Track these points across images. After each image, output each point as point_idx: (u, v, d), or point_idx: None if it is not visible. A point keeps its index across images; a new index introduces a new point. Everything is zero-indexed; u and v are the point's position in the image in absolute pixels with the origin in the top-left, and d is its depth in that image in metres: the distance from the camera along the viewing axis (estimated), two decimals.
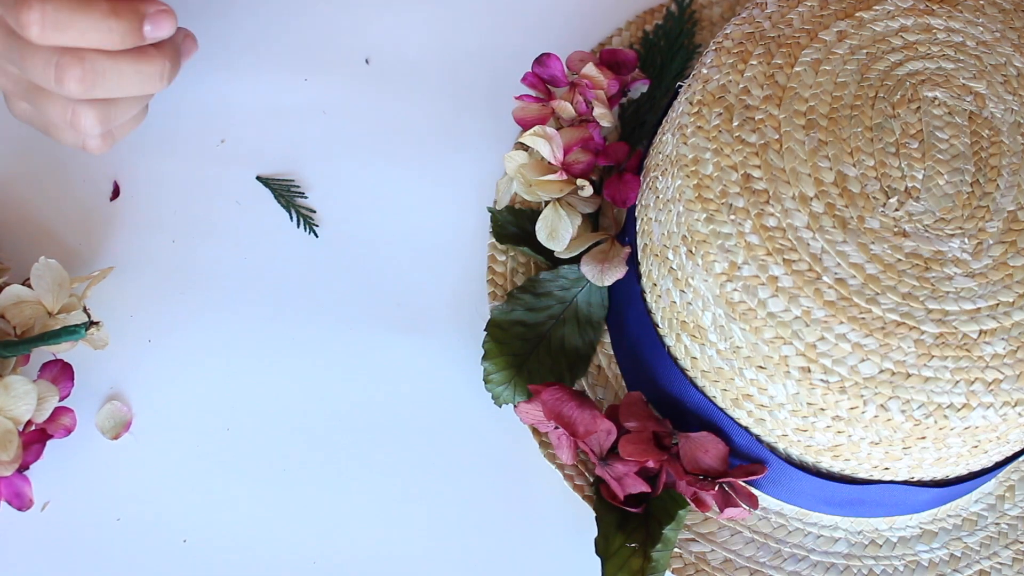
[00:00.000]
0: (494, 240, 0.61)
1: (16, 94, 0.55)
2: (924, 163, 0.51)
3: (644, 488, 0.54)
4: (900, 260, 0.49)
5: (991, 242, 0.50)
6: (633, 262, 0.57)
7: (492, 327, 0.58)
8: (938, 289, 0.49)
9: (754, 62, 0.53)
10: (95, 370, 0.59)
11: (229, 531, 0.57)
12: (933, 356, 0.49)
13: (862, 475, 0.53)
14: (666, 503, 0.54)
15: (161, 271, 0.61)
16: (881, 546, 0.56)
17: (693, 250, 0.51)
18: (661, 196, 0.54)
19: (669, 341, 0.55)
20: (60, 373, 0.57)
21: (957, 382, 0.48)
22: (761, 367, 0.51)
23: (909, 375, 0.49)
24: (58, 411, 0.56)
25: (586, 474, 0.57)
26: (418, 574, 0.57)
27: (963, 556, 0.56)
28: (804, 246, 0.50)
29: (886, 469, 0.52)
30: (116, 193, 0.62)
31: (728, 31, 0.54)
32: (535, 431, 0.58)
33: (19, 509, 0.55)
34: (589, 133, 0.59)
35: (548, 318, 0.59)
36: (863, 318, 0.49)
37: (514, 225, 0.61)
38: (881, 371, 0.49)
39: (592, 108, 0.59)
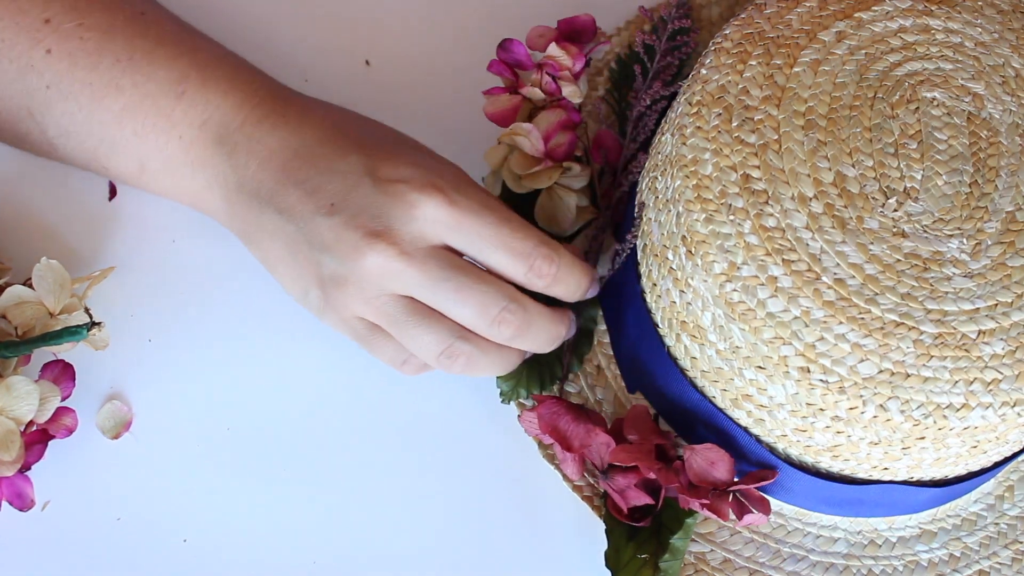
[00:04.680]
0: None
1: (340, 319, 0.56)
2: (923, 164, 0.51)
3: (647, 500, 0.54)
4: (899, 260, 0.50)
5: (989, 243, 0.50)
6: (633, 262, 0.57)
7: None
8: (937, 289, 0.49)
9: (753, 62, 0.53)
10: (95, 370, 0.59)
11: (229, 531, 0.57)
12: (932, 356, 0.49)
13: (861, 475, 0.53)
14: (677, 512, 0.54)
15: (161, 271, 0.61)
16: (880, 546, 0.56)
17: (693, 250, 0.52)
18: (660, 196, 0.54)
19: (669, 341, 0.55)
20: (61, 373, 0.57)
21: (956, 382, 0.49)
22: (760, 367, 0.51)
23: (908, 375, 0.49)
24: (59, 411, 0.56)
25: (596, 486, 0.57)
26: (419, 574, 0.57)
27: (962, 556, 0.56)
28: (803, 246, 0.50)
29: (885, 469, 0.53)
30: (113, 193, 0.62)
31: (727, 32, 0.54)
32: (540, 444, 0.58)
33: (20, 509, 0.56)
34: (565, 113, 0.58)
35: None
36: (862, 318, 0.49)
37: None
38: (880, 371, 0.49)
39: (560, 86, 0.58)
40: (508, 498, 0.58)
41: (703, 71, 0.54)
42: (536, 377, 0.58)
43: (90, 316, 0.56)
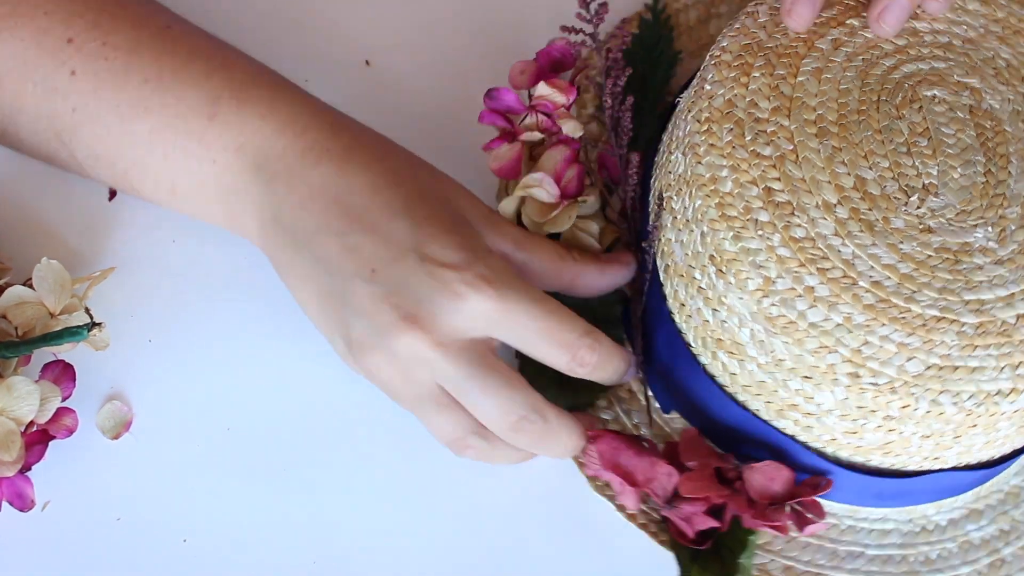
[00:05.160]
0: None
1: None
2: (936, 159, 0.52)
3: (713, 524, 0.54)
4: (930, 256, 0.50)
5: (1013, 228, 0.51)
6: (657, 283, 0.57)
7: (523, 359, 0.57)
8: (971, 280, 0.50)
9: (756, 74, 0.53)
10: (95, 370, 0.58)
11: (229, 531, 0.57)
12: (976, 346, 0.50)
13: (912, 467, 0.54)
14: (735, 531, 0.54)
15: (161, 271, 0.61)
16: (932, 531, 0.57)
17: (724, 269, 0.52)
18: (679, 217, 0.54)
19: (704, 359, 0.55)
20: (62, 374, 0.57)
21: (1002, 368, 0.50)
22: (807, 377, 0.51)
23: (956, 368, 0.50)
24: (60, 412, 0.56)
25: (651, 512, 0.57)
26: (418, 574, 0.57)
27: (1012, 529, 0.58)
28: (835, 253, 0.50)
29: (936, 459, 0.53)
30: (113, 193, 0.61)
31: (724, 44, 0.55)
32: (592, 479, 0.57)
33: (20, 509, 0.55)
34: (568, 149, 0.58)
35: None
36: (904, 317, 0.50)
37: None
38: (928, 367, 0.49)
39: (559, 124, 0.58)
40: (509, 498, 0.58)
41: (707, 87, 0.54)
42: (572, 400, 0.58)
43: (90, 316, 0.55)
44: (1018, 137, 0.53)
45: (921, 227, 0.51)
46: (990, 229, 0.51)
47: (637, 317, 0.58)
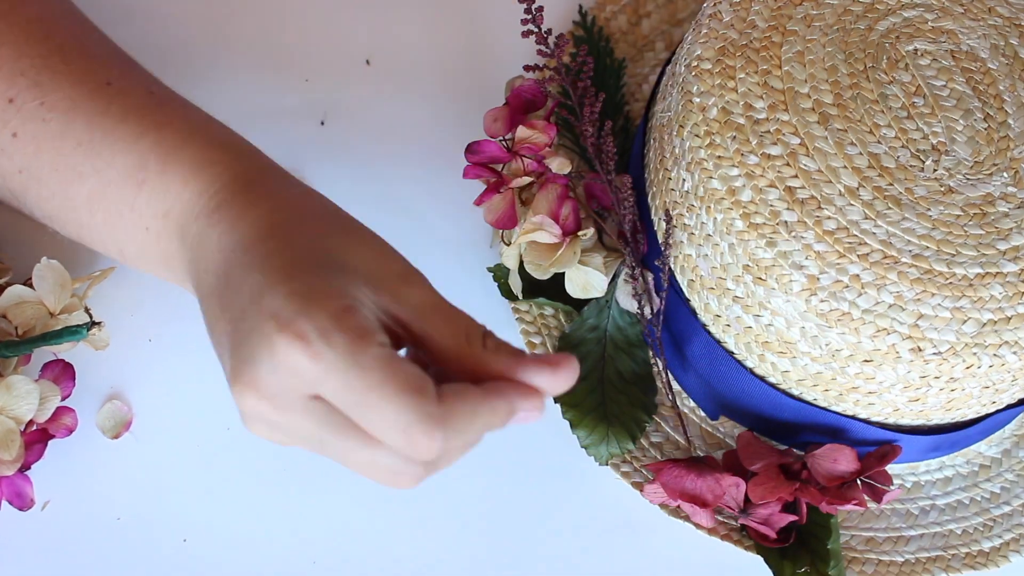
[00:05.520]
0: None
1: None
2: (937, 116, 0.52)
3: (792, 519, 0.54)
4: (959, 216, 0.51)
5: None
6: (678, 300, 0.56)
7: (561, 395, 0.56)
8: (1001, 229, 0.51)
9: (741, 75, 0.52)
10: (95, 369, 0.58)
11: (229, 531, 0.57)
12: (1023, 293, 0.50)
13: (971, 416, 0.55)
14: (816, 519, 0.55)
15: None
16: (990, 467, 0.59)
17: (763, 276, 0.51)
18: (697, 233, 0.53)
19: (751, 363, 0.55)
20: (61, 373, 0.57)
21: None
22: (867, 360, 0.51)
23: (1009, 318, 0.50)
24: (59, 411, 0.56)
25: (728, 521, 0.57)
26: (419, 574, 0.57)
27: None
28: (870, 236, 0.50)
29: (993, 403, 0.55)
30: None
31: (697, 52, 0.53)
32: (663, 505, 0.57)
33: (20, 509, 0.55)
34: (560, 186, 0.57)
35: (596, 361, 0.58)
36: (950, 283, 0.50)
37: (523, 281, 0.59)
38: (984, 324, 0.50)
39: (546, 164, 0.57)
40: (509, 498, 0.58)
41: (695, 99, 0.53)
42: (625, 431, 0.57)
43: (90, 316, 0.56)
44: (1004, 73, 0.53)
45: (943, 189, 0.51)
46: (1005, 175, 0.52)
47: (658, 337, 0.57)
